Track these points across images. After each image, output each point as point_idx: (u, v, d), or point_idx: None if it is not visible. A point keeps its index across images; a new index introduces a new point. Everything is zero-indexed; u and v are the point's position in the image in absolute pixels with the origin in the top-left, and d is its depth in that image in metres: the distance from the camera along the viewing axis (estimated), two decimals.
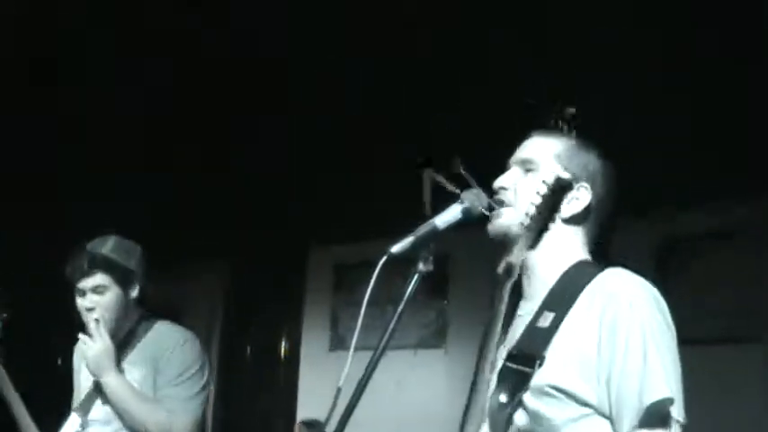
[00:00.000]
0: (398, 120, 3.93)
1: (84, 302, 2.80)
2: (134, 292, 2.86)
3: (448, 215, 1.75)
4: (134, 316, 2.89)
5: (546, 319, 1.75)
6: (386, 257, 1.68)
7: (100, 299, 2.79)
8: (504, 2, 3.36)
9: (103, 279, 2.78)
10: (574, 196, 1.86)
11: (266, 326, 5.02)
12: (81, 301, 2.81)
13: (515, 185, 1.87)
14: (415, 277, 1.71)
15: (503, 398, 1.71)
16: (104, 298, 2.80)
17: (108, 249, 2.81)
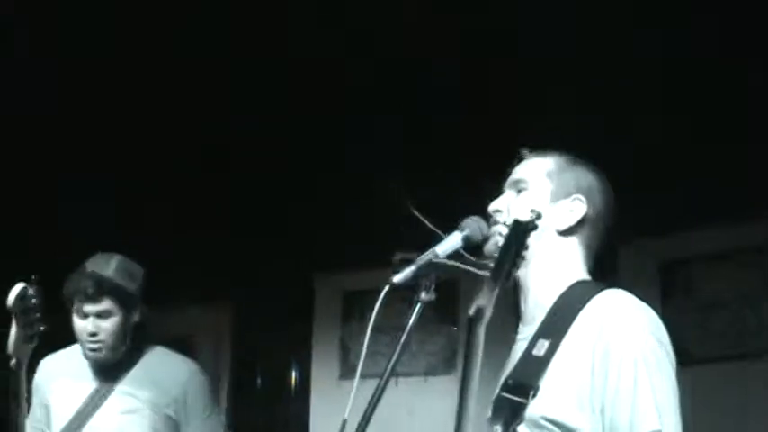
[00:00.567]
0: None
1: (86, 325, 2.75)
2: (136, 316, 2.82)
3: (449, 243, 1.75)
4: (131, 338, 2.83)
5: (541, 348, 1.73)
6: (387, 287, 1.68)
7: (103, 323, 2.75)
8: None
9: (109, 304, 2.74)
10: (568, 208, 1.84)
11: (275, 357, 4.99)
12: (82, 324, 2.76)
13: (508, 207, 1.86)
14: (418, 306, 1.70)
15: (498, 429, 1.70)
16: (108, 323, 2.75)
17: (114, 273, 2.75)
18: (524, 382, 1.72)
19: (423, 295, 1.70)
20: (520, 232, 1.61)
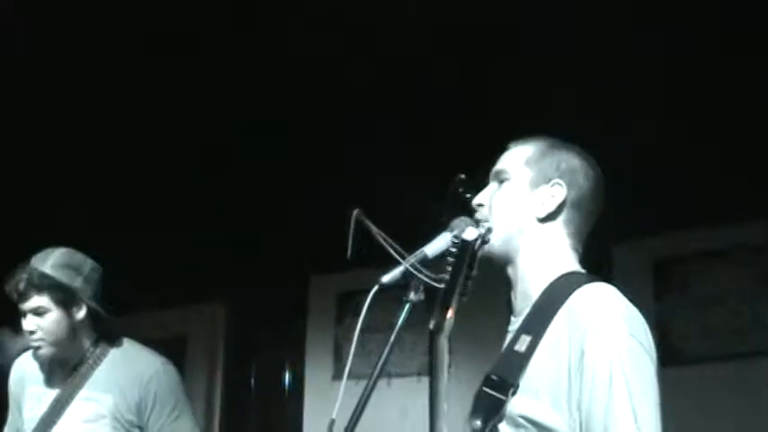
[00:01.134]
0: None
1: (26, 323, 2.60)
2: (80, 314, 2.62)
3: (438, 244, 1.75)
4: (87, 338, 2.66)
5: (523, 344, 1.72)
6: (376, 288, 1.67)
7: (40, 321, 2.59)
8: None
9: (41, 300, 2.56)
10: (549, 194, 1.82)
11: (269, 357, 4.98)
12: (24, 323, 2.61)
13: (490, 200, 1.85)
14: (407, 306, 1.70)
15: (477, 424, 1.70)
16: (45, 320, 2.58)
17: (48, 266, 2.57)
18: (505, 379, 1.70)
19: (411, 295, 1.70)
20: (467, 252, 1.62)
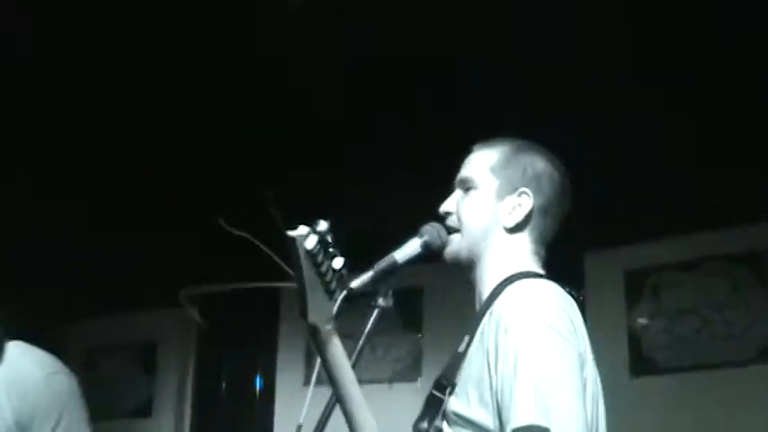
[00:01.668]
0: None
1: None
2: None
3: (407, 249, 1.75)
4: None
5: (462, 344, 1.73)
6: (345, 293, 1.67)
7: None
8: None
9: None
10: (515, 203, 1.81)
11: (240, 363, 4.98)
12: None
13: (458, 209, 1.85)
14: (375, 312, 1.71)
15: (423, 425, 1.73)
16: None
17: None
18: (446, 380, 1.73)
19: (380, 301, 1.70)
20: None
